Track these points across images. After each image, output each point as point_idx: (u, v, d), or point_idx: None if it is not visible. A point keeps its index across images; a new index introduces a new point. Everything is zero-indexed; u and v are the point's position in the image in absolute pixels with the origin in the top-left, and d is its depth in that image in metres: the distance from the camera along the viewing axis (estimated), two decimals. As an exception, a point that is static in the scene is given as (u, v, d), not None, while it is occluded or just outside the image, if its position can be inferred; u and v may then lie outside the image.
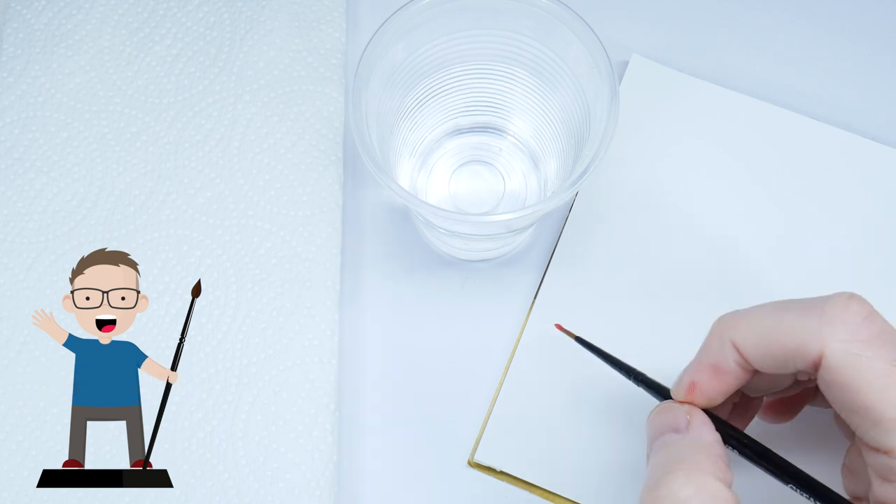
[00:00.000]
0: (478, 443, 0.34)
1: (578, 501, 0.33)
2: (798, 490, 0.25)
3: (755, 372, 0.26)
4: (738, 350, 0.25)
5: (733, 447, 0.27)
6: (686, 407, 0.27)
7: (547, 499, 0.34)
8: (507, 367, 0.35)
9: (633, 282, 0.36)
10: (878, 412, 0.23)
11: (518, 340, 0.35)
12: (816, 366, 0.24)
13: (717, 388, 0.26)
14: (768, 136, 0.38)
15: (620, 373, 0.30)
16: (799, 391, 0.30)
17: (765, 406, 0.31)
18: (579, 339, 0.32)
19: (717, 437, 0.26)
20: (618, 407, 0.34)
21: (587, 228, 0.37)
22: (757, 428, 0.30)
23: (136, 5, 0.40)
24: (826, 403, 0.26)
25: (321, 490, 0.33)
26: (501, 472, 0.34)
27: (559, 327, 0.32)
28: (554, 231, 0.37)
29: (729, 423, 0.27)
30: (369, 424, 0.35)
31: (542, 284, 0.36)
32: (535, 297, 0.36)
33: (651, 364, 0.35)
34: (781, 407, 0.31)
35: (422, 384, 0.35)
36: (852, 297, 0.24)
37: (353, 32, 0.41)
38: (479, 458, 0.34)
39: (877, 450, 0.23)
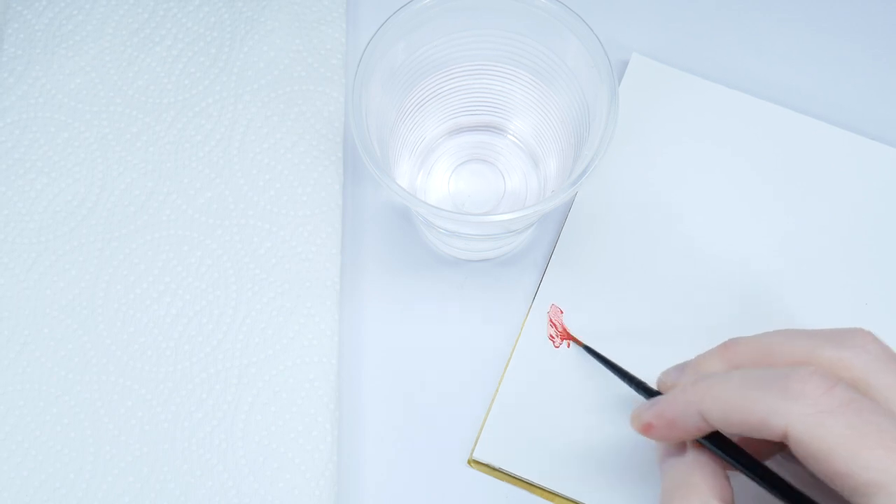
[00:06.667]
0: (477, 441, 0.34)
1: (577, 499, 0.33)
2: None
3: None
4: (703, 418, 0.26)
5: (730, 464, 0.27)
6: None
7: (546, 498, 0.34)
8: (507, 367, 0.35)
9: (632, 281, 0.36)
10: (853, 478, 0.23)
11: (518, 340, 0.35)
12: (783, 437, 0.24)
13: (670, 438, 0.28)
14: (769, 134, 0.38)
15: (626, 382, 0.32)
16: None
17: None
18: (587, 348, 0.34)
19: (708, 453, 0.27)
20: (617, 405, 0.34)
21: (587, 228, 0.37)
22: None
23: (136, 6, 0.40)
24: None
25: (321, 490, 0.33)
26: (500, 471, 0.34)
27: (568, 335, 0.33)
28: (554, 231, 0.37)
29: (727, 439, 0.27)
30: (369, 424, 0.35)
31: (542, 284, 0.36)
32: (534, 297, 0.36)
33: (650, 364, 0.35)
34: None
35: (422, 384, 0.35)
36: (814, 371, 0.24)
37: (353, 32, 0.41)
38: (478, 456, 0.34)
39: None
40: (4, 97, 0.38)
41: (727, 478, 0.26)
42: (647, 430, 0.28)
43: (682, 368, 0.29)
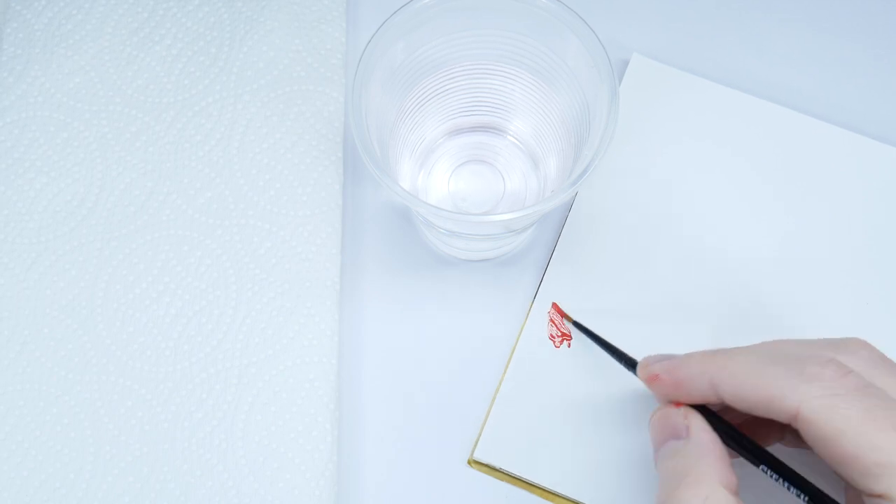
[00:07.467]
0: (477, 441, 0.34)
1: (577, 499, 0.33)
2: (794, 491, 0.26)
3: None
4: (713, 387, 0.26)
5: (732, 447, 0.27)
6: (682, 410, 0.27)
7: (546, 498, 0.34)
8: (507, 366, 0.35)
9: (632, 281, 0.36)
10: (861, 459, 0.23)
11: (518, 340, 0.35)
12: (792, 418, 0.25)
13: (670, 396, 0.28)
14: (769, 134, 0.38)
15: (613, 357, 0.32)
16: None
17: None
18: (576, 323, 0.34)
19: (715, 439, 0.26)
20: (617, 405, 0.34)
21: (587, 228, 0.37)
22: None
23: (136, 5, 0.40)
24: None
25: (321, 490, 0.33)
26: (501, 471, 0.34)
27: (558, 310, 0.33)
28: (554, 231, 0.37)
29: (728, 423, 0.27)
30: (369, 424, 0.35)
31: (542, 284, 0.36)
32: (534, 297, 0.36)
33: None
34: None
35: (421, 384, 0.35)
36: (832, 360, 0.25)
37: (353, 32, 0.41)
38: (478, 456, 0.34)
39: (871, 495, 0.23)
40: (4, 96, 0.38)
41: (732, 466, 0.26)
42: (651, 380, 0.28)
43: (668, 359, 0.29)
